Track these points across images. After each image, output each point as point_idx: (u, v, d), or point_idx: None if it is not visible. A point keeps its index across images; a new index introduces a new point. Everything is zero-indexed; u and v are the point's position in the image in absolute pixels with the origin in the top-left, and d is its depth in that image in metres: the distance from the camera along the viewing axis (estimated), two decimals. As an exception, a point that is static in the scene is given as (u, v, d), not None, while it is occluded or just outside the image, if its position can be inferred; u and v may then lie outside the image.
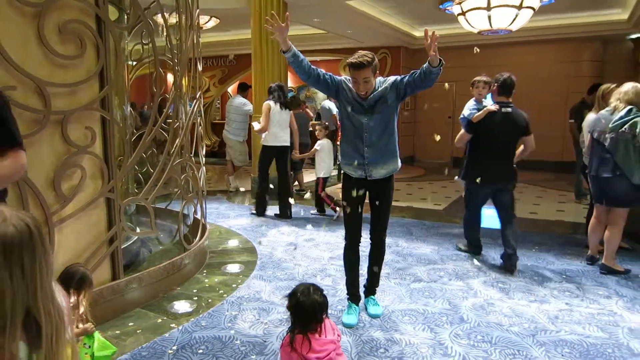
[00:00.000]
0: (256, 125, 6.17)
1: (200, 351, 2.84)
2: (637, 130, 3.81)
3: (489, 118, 4.23)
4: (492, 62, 11.74)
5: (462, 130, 4.49)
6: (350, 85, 3.12)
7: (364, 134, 3.12)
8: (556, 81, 11.01)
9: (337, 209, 6.17)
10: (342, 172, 3.38)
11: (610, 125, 3.95)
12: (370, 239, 3.38)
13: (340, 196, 3.38)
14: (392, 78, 3.12)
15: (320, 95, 14.03)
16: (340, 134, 3.52)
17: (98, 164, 3.13)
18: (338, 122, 10.81)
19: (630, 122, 3.84)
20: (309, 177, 8.66)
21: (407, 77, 3.05)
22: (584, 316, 3.30)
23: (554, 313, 3.36)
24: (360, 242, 3.34)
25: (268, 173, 6.28)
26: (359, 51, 3.02)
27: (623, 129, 3.86)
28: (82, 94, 3.07)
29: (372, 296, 3.45)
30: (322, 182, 6.34)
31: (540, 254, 4.73)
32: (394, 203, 3.49)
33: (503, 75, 4.30)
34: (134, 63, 5.43)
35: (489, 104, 4.39)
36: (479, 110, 4.32)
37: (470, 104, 4.46)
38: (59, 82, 2.90)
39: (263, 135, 6.12)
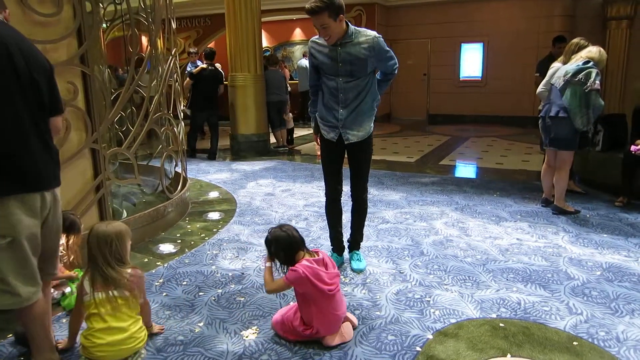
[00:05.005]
0: None
1: (185, 283, 3.16)
2: (591, 79, 4.10)
3: (201, 72, 7.65)
4: (467, 18, 11.94)
5: (187, 79, 7.86)
6: (318, 43, 3.04)
7: (339, 94, 3.02)
8: (528, 36, 11.25)
9: None
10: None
11: (566, 69, 4.25)
12: (351, 196, 3.36)
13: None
14: (372, 40, 2.95)
15: (297, 54, 14.10)
16: None
17: (81, 117, 3.32)
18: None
19: (586, 71, 4.13)
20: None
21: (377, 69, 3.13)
22: (532, 249, 3.68)
23: (505, 247, 3.73)
24: (340, 197, 3.35)
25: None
26: None
27: (579, 77, 4.14)
28: (62, 51, 3.23)
29: (356, 251, 3.45)
30: None
31: (501, 198, 5.11)
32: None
33: (208, 48, 8.14)
34: (107, 25, 5.51)
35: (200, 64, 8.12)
36: (195, 67, 7.99)
37: (189, 65, 8.84)
38: (39, 39, 3.05)
39: None
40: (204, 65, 7.75)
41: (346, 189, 3.37)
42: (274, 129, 8.44)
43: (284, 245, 2.37)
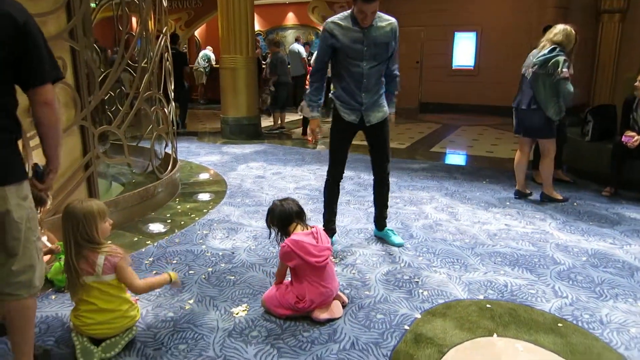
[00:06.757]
0: None
1: (175, 261, 3.15)
2: (559, 68, 4.11)
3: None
4: (460, 7, 11.91)
5: None
6: (341, 25, 3.00)
7: (363, 80, 3.08)
8: (521, 27, 11.24)
9: None
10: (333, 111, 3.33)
11: (534, 60, 4.27)
12: (376, 176, 3.49)
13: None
14: (393, 24, 3.10)
15: (290, 38, 13.98)
16: (309, 78, 3.42)
17: (70, 93, 3.28)
18: (307, 65, 10.96)
19: (553, 60, 4.13)
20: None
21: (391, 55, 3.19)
22: (520, 234, 3.72)
23: (494, 232, 3.77)
24: (341, 179, 3.45)
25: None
26: None
27: (547, 68, 4.14)
28: (51, 25, 3.17)
29: (387, 228, 3.59)
30: None
31: (490, 185, 5.15)
32: (360, 143, 3.71)
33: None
34: (96, 3, 5.42)
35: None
36: None
37: None
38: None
39: None
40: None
41: (350, 173, 3.37)
42: (275, 110, 8.43)
43: (278, 216, 2.57)
